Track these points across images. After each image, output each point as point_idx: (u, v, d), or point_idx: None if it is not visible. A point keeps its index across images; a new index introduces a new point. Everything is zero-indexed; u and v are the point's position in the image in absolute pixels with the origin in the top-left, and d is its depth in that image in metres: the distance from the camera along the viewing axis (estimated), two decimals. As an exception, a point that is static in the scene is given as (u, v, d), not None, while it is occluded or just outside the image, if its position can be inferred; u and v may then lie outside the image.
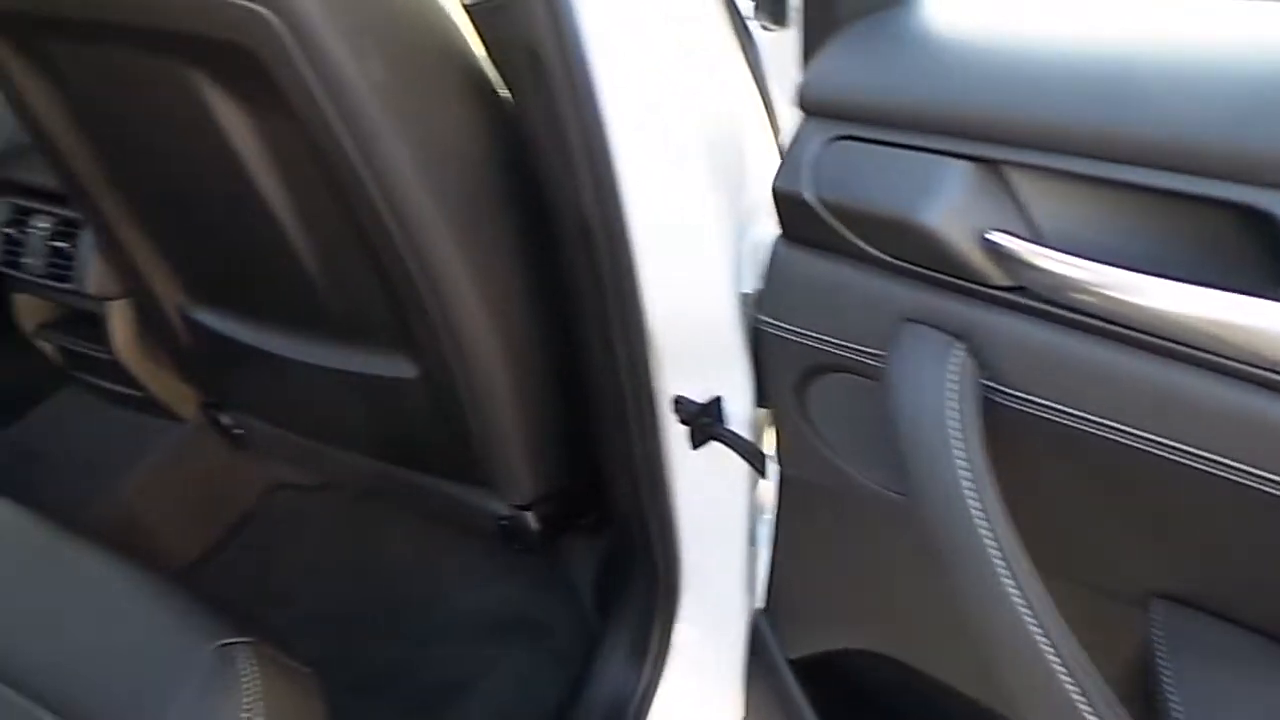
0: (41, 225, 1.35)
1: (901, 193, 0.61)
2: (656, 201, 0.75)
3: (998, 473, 0.59)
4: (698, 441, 0.88)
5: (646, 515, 1.00)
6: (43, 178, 1.38)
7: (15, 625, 0.88)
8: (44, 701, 0.79)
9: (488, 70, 0.85)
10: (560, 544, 1.33)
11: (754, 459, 0.87)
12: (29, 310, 1.49)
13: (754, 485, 0.94)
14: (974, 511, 0.58)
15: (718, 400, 0.86)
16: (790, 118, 0.71)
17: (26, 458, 1.48)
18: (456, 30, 0.83)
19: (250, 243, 1.02)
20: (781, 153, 0.70)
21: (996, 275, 0.59)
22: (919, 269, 0.63)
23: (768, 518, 0.96)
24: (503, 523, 1.20)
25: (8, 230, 1.39)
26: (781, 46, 0.77)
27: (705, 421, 0.87)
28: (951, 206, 0.59)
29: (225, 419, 1.45)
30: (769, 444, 0.88)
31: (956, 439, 0.58)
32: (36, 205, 1.37)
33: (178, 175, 0.99)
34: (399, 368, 1.05)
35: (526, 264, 0.94)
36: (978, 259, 0.59)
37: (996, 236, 0.58)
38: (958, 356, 0.61)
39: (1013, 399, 0.61)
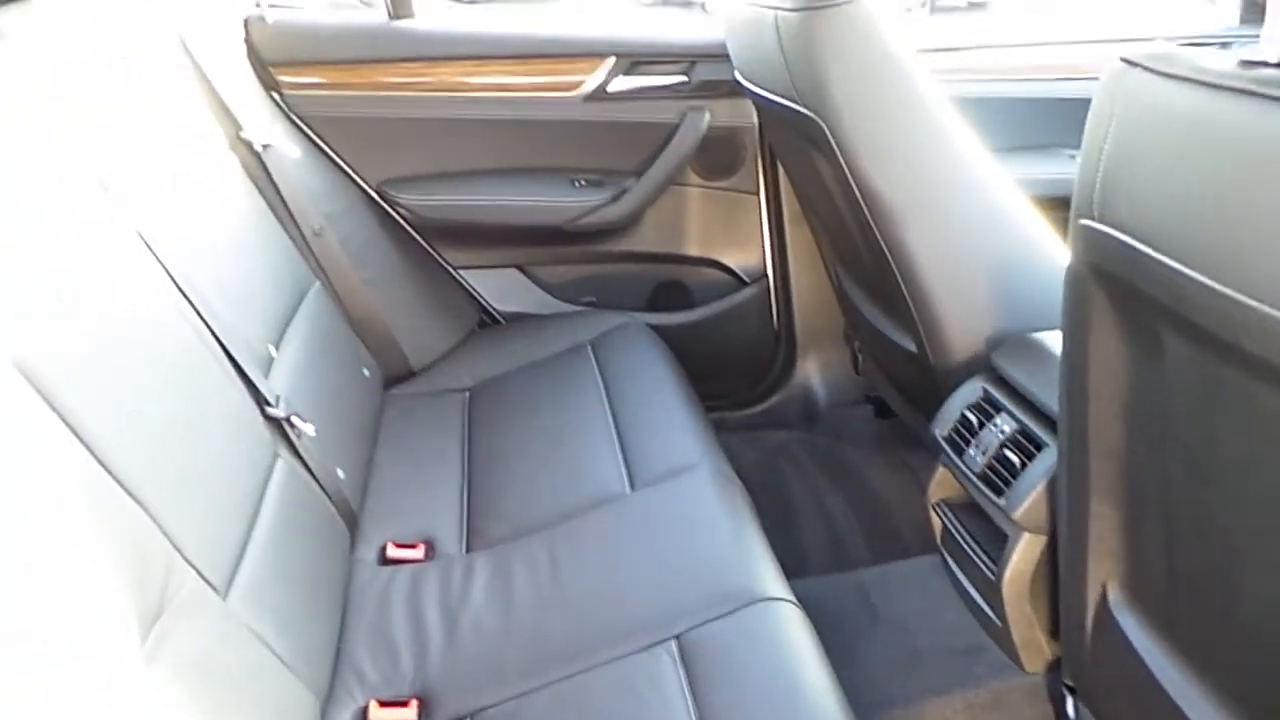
0: (1004, 428, 1.27)
1: None
2: None
3: None
4: None
5: None
6: (1027, 379, 1.30)
7: None
8: None
9: None
10: None
11: None
12: (944, 483, 1.45)
13: None
14: None
15: None
16: None
17: (865, 610, 1.48)
18: None
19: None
20: None
21: None
22: None
23: None
24: None
25: (968, 410, 1.35)
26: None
27: None
28: None
29: (1074, 707, 1.22)
30: None
31: None
32: (1006, 403, 1.30)
33: (1222, 499, 0.77)
34: None
35: None
36: None
37: None
38: None
39: None
